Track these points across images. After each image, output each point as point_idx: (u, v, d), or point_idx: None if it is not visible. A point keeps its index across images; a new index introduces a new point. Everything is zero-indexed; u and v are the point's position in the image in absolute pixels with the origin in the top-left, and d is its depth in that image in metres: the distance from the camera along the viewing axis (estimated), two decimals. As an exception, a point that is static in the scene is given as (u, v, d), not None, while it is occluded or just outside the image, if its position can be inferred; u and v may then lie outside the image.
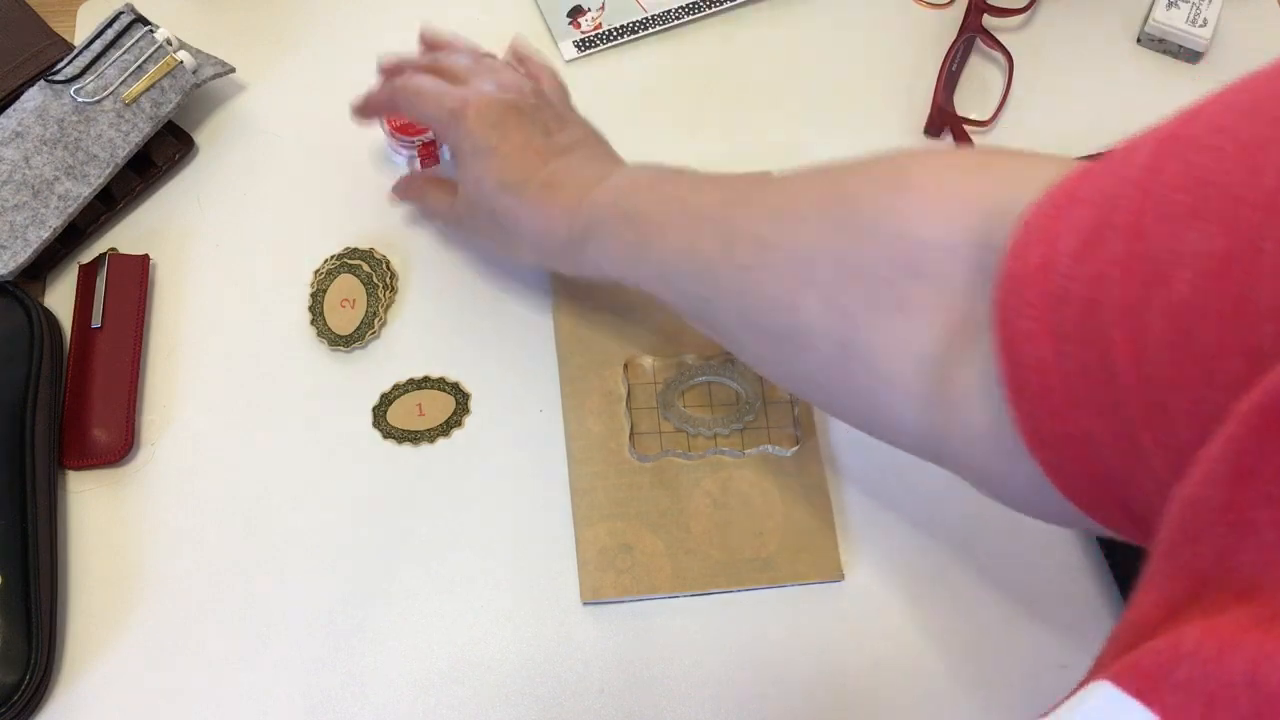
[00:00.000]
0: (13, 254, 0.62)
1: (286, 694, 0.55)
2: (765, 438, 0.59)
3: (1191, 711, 0.23)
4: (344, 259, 0.65)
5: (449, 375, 0.62)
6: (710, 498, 0.58)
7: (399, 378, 0.62)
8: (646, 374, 0.61)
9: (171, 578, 0.57)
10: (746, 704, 0.54)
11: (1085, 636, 0.55)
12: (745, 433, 0.60)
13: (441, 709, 0.54)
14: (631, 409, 0.60)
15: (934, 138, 0.69)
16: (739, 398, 0.61)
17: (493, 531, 0.58)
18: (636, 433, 0.60)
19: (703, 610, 0.56)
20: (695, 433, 0.59)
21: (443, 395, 0.61)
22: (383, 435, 0.61)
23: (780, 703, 0.54)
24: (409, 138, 0.66)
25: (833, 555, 0.57)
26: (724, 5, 0.74)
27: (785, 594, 0.56)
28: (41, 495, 0.57)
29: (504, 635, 0.56)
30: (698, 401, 0.60)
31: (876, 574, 0.57)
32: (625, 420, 0.60)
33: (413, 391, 0.62)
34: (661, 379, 0.61)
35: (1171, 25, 0.71)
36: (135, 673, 0.55)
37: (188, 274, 0.66)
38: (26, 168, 0.63)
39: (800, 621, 0.56)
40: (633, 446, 0.59)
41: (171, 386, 0.62)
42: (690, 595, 0.56)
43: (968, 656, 0.55)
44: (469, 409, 0.61)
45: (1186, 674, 0.23)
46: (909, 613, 0.56)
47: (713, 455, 0.59)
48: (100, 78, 0.65)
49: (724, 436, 0.59)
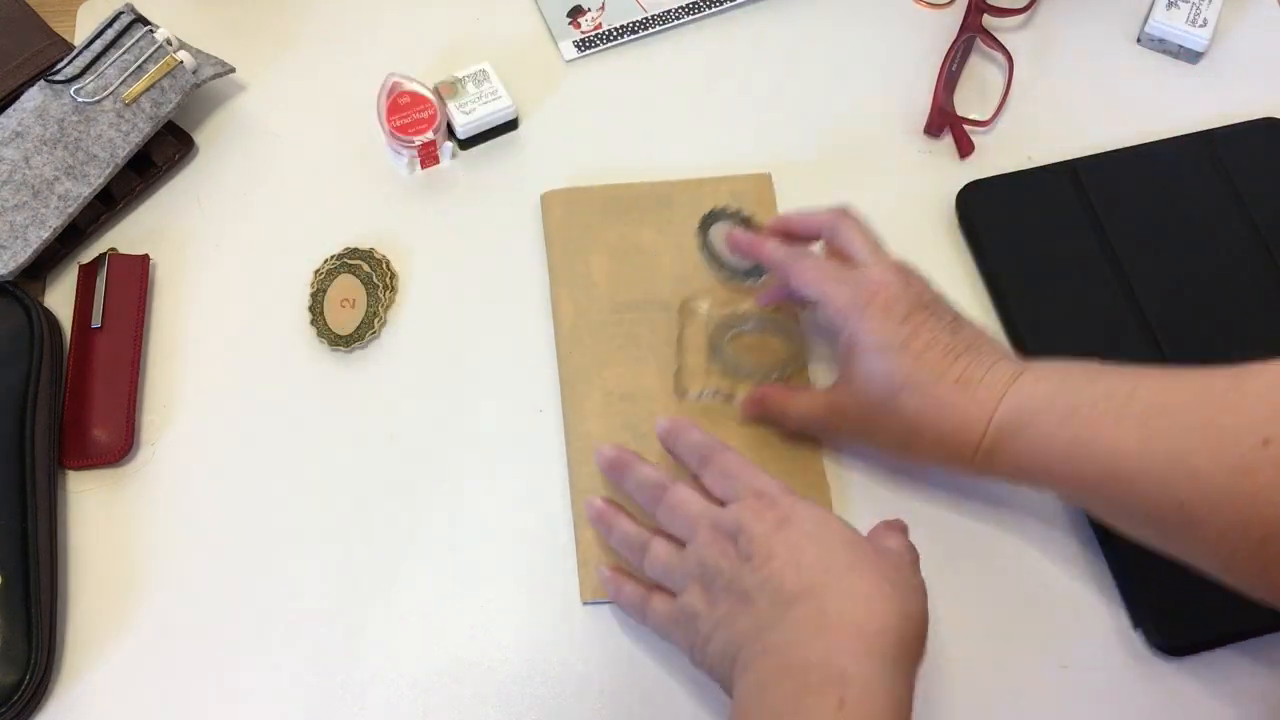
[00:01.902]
0: (13, 254, 0.62)
1: (286, 693, 0.55)
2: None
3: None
4: (344, 259, 0.65)
5: (449, 374, 0.62)
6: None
7: (400, 378, 0.62)
8: (700, 317, 0.62)
9: (171, 577, 0.57)
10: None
11: (1085, 636, 0.55)
12: (787, 384, 0.61)
13: (441, 709, 0.54)
14: (682, 349, 0.61)
15: (934, 137, 0.69)
16: (785, 350, 0.61)
17: (493, 531, 0.58)
18: (684, 370, 0.61)
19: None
20: (739, 376, 0.60)
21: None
22: (383, 435, 0.61)
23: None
24: (409, 137, 0.66)
25: None
26: (724, 5, 0.74)
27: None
28: (41, 495, 0.57)
29: (504, 635, 0.56)
30: (746, 348, 0.61)
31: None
32: (674, 358, 0.61)
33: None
34: (714, 322, 0.62)
35: (1171, 25, 0.71)
36: (135, 673, 0.55)
37: (188, 274, 0.66)
38: (26, 168, 0.63)
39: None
40: (677, 384, 0.61)
41: (171, 386, 0.62)
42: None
43: (967, 656, 0.55)
44: (469, 409, 0.61)
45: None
46: (909, 613, 0.56)
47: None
48: (100, 78, 0.65)
49: (767, 382, 0.60)
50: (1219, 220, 0.65)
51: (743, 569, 0.47)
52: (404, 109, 0.67)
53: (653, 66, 0.73)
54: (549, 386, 0.62)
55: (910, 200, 0.67)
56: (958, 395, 0.51)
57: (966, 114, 0.69)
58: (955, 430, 0.51)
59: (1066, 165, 0.66)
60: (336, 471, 0.60)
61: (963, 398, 0.51)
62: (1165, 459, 0.45)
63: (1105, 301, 0.62)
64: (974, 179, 0.67)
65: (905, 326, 0.52)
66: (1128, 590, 0.55)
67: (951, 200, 0.67)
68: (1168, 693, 0.54)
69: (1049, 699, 0.54)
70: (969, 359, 0.51)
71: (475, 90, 0.69)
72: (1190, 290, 0.62)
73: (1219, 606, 0.53)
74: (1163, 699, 0.53)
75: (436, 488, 0.59)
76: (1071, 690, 0.54)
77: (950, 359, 0.51)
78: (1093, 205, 0.65)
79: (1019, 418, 0.49)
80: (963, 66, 0.71)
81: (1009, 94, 0.70)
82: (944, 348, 0.52)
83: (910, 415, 0.52)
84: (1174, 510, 0.45)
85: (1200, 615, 0.54)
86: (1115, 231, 0.64)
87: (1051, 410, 0.49)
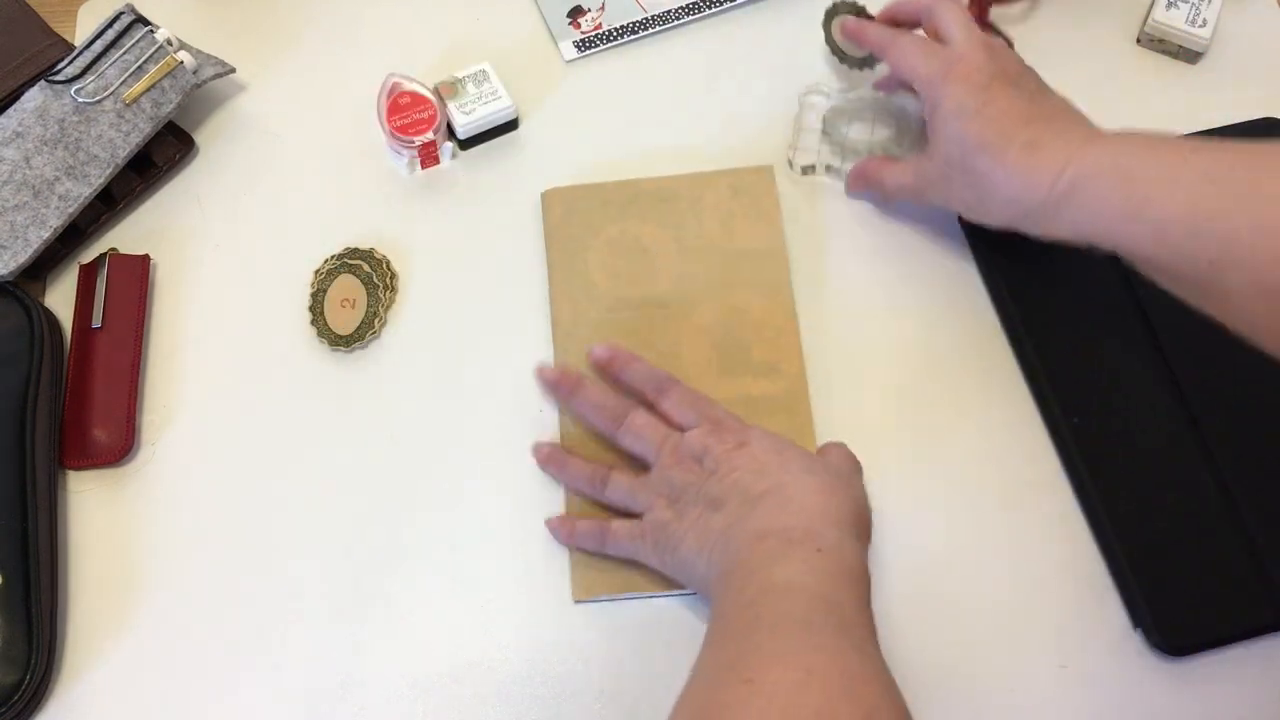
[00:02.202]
0: (13, 254, 0.62)
1: (286, 693, 0.55)
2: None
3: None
4: (344, 259, 0.65)
5: (449, 374, 0.62)
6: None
7: (400, 378, 0.62)
8: (816, 106, 0.69)
9: (171, 577, 0.57)
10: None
11: (1085, 636, 0.55)
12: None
13: (441, 710, 0.54)
14: (797, 129, 0.68)
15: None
16: (894, 130, 0.67)
17: (493, 531, 0.58)
18: (797, 147, 0.68)
19: (702, 607, 0.56)
20: (847, 152, 0.67)
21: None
22: (383, 435, 0.61)
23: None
24: (409, 138, 0.66)
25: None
26: (724, 5, 0.74)
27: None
28: (42, 495, 0.57)
29: (504, 635, 0.56)
30: (857, 130, 0.68)
31: (875, 574, 0.57)
32: (793, 135, 0.68)
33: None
34: (830, 105, 0.69)
35: (1171, 25, 0.71)
36: (135, 673, 0.55)
37: (188, 274, 0.66)
38: (27, 168, 0.63)
39: (800, 621, 0.56)
40: (791, 159, 0.68)
41: (171, 386, 0.62)
42: (685, 593, 0.56)
43: (967, 656, 0.55)
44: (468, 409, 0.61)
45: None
46: (908, 612, 0.56)
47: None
48: (101, 78, 0.65)
49: (895, 148, 0.66)
50: (1219, 220, 0.65)
51: (709, 480, 0.53)
52: (404, 109, 0.67)
53: (653, 66, 0.73)
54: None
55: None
56: (1026, 158, 0.54)
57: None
58: (1022, 192, 0.55)
59: (1066, 165, 0.66)
60: (336, 471, 0.60)
61: (1031, 160, 0.54)
62: (1206, 220, 0.48)
63: (1106, 301, 0.62)
64: (974, 179, 0.67)
65: (983, 94, 0.56)
66: (1127, 590, 0.55)
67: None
68: (1167, 693, 0.54)
69: (1049, 699, 0.54)
70: (1042, 126, 0.55)
71: (475, 90, 0.69)
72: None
73: (1219, 607, 0.54)
74: (1162, 699, 0.53)
75: (436, 488, 0.59)
76: (1071, 690, 0.54)
77: (1022, 124, 0.55)
78: (1093, 205, 0.65)
79: (1080, 184, 0.52)
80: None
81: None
82: (1018, 114, 0.56)
83: (982, 176, 0.56)
84: (1207, 268, 0.48)
85: (1200, 615, 0.54)
86: (1115, 231, 0.64)
87: (1112, 175, 0.52)
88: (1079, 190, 0.53)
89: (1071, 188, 0.53)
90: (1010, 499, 0.58)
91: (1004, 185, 0.55)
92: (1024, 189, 0.54)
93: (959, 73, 0.57)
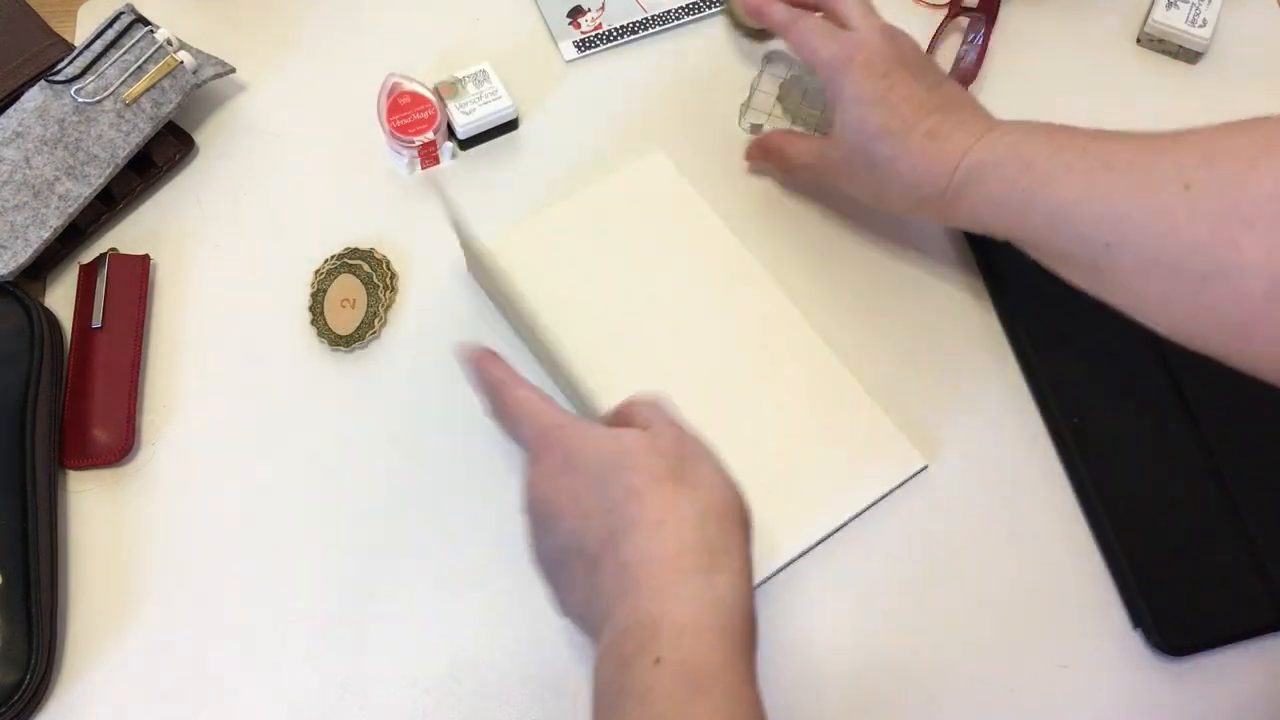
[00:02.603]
0: (13, 254, 0.62)
1: (286, 693, 0.55)
2: None
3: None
4: (344, 259, 0.65)
5: (449, 374, 0.62)
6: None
7: (400, 378, 0.62)
8: (779, 66, 0.71)
9: (171, 577, 0.57)
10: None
11: (1085, 636, 0.55)
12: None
13: (441, 709, 0.54)
14: (755, 86, 0.70)
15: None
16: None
17: (492, 531, 0.58)
18: (751, 104, 0.69)
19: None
20: (796, 120, 0.69)
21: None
22: (383, 435, 0.61)
23: (776, 701, 0.54)
24: (409, 138, 0.66)
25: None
26: (724, 5, 0.74)
27: (776, 583, 0.56)
28: (42, 495, 0.57)
29: (504, 635, 0.56)
30: (814, 105, 0.69)
31: (875, 574, 0.57)
32: (748, 91, 0.69)
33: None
34: (790, 72, 0.70)
35: (1171, 25, 0.71)
36: (135, 673, 0.55)
37: (188, 274, 0.66)
38: (27, 168, 0.63)
39: (795, 619, 0.56)
40: (743, 116, 0.69)
41: (171, 386, 0.62)
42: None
43: (967, 656, 0.55)
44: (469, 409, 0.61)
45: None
46: (908, 612, 0.56)
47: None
48: (101, 78, 0.65)
49: (823, 132, 0.67)
50: (1219, 220, 0.65)
51: (546, 540, 0.46)
52: (404, 109, 0.67)
53: (653, 67, 0.73)
54: (549, 386, 0.62)
55: (910, 200, 0.67)
56: (927, 145, 0.55)
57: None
58: (922, 179, 0.55)
59: (1066, 165, 0.67)
60: (336, 471, 0.60)
61: (931, 148, 0.55)
62: (1099, 203, 0.49)
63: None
64: (974, 179, 0.67)
65: (884, 81, 0.56)
66: (1127, 590, 0.55)
67: (951, 200, 0.67)
68: (1167, 693, 0.54)
69: (1049, 699, 0.54)
70: (942, 115, 0.56)
71: (475, 90, 0.69)
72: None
73: (1219, 606, 0.54)
74: (1162, 699, 0.53)
75: (437, 487, 0.59)
76: (1071, 690, 0.54)
77: (924, 113, 0.56)
78: (1093, 205, 0.65)
79: (980, 171, 0.53)
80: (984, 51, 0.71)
81: (985, 54, 0.71)
82: (919, 103, 0.56)
83: (883, 163, 0.56)
84: (1101, 252, 0.49)
85: (1200, 615, 0.54)
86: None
87: (1010, 163, 0.52)
88: (978, 178, 0.53)
89: (970, 175, 0.53)
90: (1010, 499, 0.58)
91: (906, 172, 0.56)
92: (925, 177, 0.55)
93: (860, 59, 0.57)
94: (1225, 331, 0.48)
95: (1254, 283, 0.45)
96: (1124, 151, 0.50)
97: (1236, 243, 0.45)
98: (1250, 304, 0.45)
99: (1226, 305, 0.46)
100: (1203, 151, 0.47)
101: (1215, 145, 0.48)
